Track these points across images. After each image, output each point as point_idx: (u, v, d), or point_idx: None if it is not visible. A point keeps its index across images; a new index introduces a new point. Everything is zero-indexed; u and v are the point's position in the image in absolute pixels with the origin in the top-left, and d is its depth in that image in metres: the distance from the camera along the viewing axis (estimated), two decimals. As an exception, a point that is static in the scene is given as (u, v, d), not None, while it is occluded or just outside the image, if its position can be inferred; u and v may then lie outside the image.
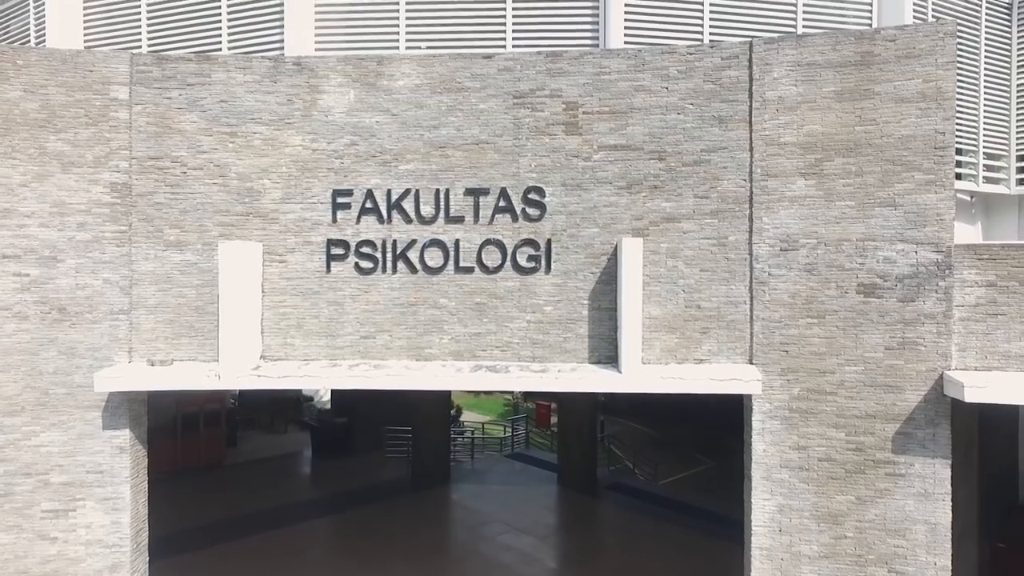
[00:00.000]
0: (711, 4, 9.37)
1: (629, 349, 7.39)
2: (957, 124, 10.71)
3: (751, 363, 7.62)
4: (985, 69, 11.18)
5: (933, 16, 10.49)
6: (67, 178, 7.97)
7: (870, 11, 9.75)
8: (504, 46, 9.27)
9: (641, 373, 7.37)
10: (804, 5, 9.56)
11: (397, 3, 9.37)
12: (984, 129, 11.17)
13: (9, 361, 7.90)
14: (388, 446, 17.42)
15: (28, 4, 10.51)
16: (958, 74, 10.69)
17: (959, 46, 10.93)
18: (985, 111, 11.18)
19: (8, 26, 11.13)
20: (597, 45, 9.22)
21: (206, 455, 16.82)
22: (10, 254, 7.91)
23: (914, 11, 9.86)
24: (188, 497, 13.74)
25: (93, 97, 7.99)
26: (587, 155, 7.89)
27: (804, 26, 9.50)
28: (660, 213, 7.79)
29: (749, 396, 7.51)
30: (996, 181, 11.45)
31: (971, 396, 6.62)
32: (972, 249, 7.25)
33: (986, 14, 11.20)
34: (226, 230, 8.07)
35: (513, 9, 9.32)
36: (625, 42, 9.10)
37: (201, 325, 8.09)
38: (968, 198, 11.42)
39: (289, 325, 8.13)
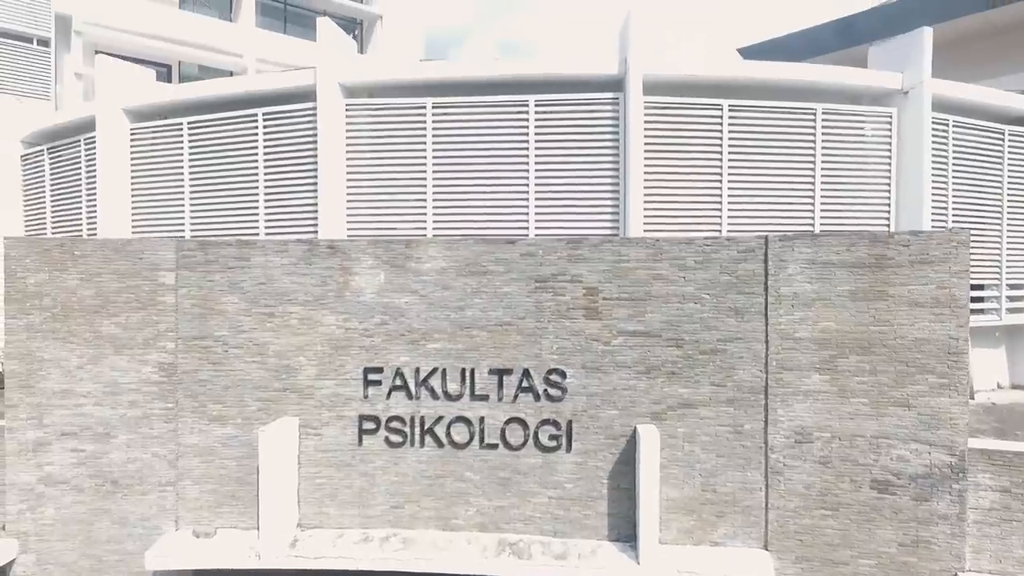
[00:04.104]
0: (729, 198, 9.58)
1: (646, 532, 7.68)
2: (980, 260, 10.82)
3: (766, 549, 7.85)
4: (1008, 202, 11.19)
5: (954, 156, 10.54)
6: (119, 359, 8.55)
7: (888, 207, 9.86)
8: (527, 232, 9.61)
9: (658, 563, 7.65)
10: (822, 205, 9.71)
11: (424, 190, 9.75)
12: (1007, 262, 11.17)
13: (67, 531, 8.52)
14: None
15: (81, 195, 11.17)
16: (981, 210, 10.80)
17: (982, 181, 11.01)
18: (1008, 244, 11.18)
19: (63, 215, 11.93)
20: (617, 233, 9.50)
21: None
22: (68, 431, 8.52)
23: (933, 174, 9.94)
24: None
25: (143, 283, 8.56)
26: (606, 339, 8.20)
27: (822, 223, 9.66)
28: (677, 398, 8.06)
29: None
30: (1020, 311, 11.43)
31: (982, 614, 6.79)
32: (986, 454, 7.37)
33: (1009, 145, 11.20)
34: (265, 405, 8.57)
35: (536, 196, 9.65)
36: (644, 231, 9.37)
37: (242, 494, 8.60)
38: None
39: (324, 495, 8.58)
